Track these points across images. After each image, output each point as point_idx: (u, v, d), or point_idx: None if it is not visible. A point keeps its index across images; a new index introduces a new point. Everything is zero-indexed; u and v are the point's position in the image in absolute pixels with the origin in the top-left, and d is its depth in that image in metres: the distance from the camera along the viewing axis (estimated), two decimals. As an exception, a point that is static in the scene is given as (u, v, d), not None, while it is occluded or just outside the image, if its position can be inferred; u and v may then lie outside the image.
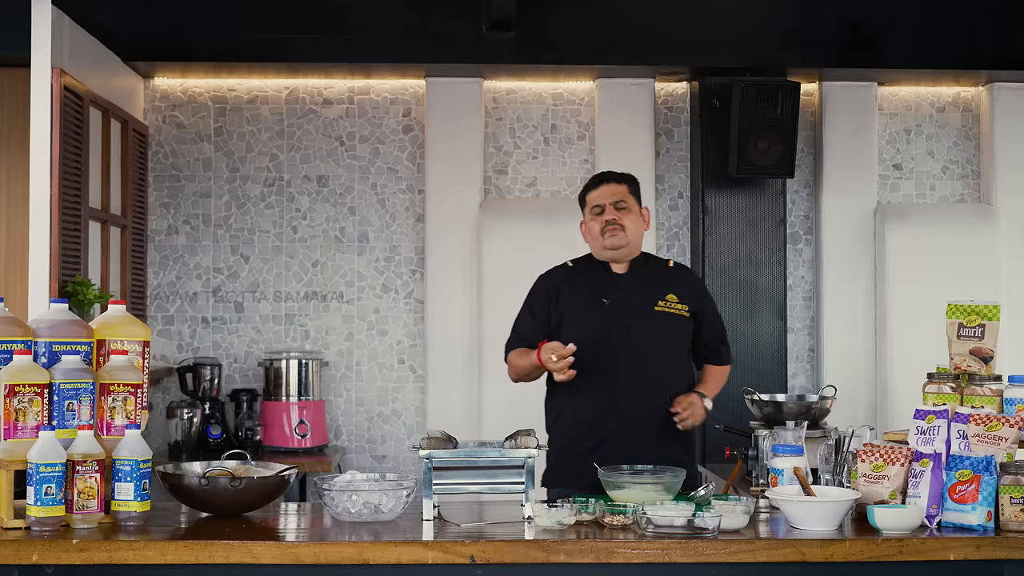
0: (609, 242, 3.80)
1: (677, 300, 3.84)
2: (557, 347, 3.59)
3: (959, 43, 5.84)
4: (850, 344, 6.02)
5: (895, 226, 5.98)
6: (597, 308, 3.80)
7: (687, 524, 2.87)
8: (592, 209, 3.84)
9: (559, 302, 3.83)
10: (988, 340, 3.47)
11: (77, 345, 3.06)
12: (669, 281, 3.88)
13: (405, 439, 5.98)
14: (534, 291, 3.93)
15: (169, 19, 5.62)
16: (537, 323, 3.84)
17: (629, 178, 3.90)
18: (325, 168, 6.05)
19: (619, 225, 3.78)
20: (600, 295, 3.81)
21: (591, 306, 3.81)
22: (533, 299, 3.90)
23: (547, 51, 5.77)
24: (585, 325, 3.77)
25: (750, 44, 5.82)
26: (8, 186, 5.90)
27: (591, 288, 3.83)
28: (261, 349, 5.96)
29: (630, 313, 3.79)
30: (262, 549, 2.79)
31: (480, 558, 2.79)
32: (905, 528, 2.89)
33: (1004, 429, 3.05)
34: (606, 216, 3.80)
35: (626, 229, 3.79)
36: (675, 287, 3.87)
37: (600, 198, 3.83)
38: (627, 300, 3.81)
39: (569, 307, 3.82)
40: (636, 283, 3.83)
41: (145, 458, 2.98)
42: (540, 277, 3.96)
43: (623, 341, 3.76)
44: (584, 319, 3.79)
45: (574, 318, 3.80)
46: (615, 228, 3.78)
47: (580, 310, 3.81)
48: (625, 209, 3.81)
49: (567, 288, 3.86)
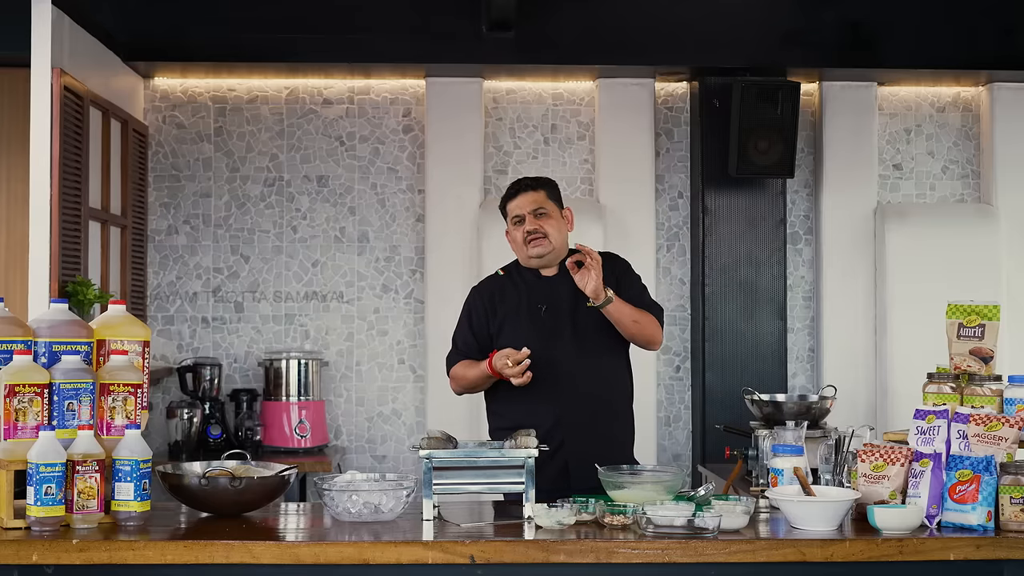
0: (534, 252, 3.83)
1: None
2: (511, 353, 3.62)
3: (959, 43, 5.84)
4: (850, 344, 6.02)
5: (895, 226, 5.97)
6: (534, 316, 3.82)
7: (687, 524, 2.87)
8: (513, 220, 3.86)
9: (496, 313, 3.86)
10: (988, 340, 3.47)
11: (77, 345, 3.06)
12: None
13: (405, 439, 5.98)
14: (470, 304, 3.94)
15: (169, 19, 5.62)
16: (475, 335, 3.88)
17: (545, 182, 3.92)
18: (325, 168, 6.05)
19: (541, 234, 3.81)
20: (535, 302, 3.83)
21: (528, 314, 3.82)
22: (470, 312, 3.92)
23: (547, 51, 5.77)
24: (524, 334, 3.77)
25: (750, 44, 5.83)
26: (8, 186, 5.90)
27: (525, 296, 3.86)
28: (261, 349, 5.96)
29: (564, 316, 3.80)
30: (262, 549, 2.79)
31: (480, 558, 2.79)
32: (905, 528, 2.89)
33: (1004, 429, 3.05)
34: (527, 226, 3.82)
35: (548, 236, 3.81)
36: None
37: (519, 208, 3.84)
38: (560, 303, 3.82)
39: (506, 317, 3.84)
40: (566, 284, 3.83)
41: (145, 458, 2.98)
42: (474, 289, 4.00)
43: (562, 345, 3.77)
44: (522, 328, 3.80)
45: (512, 328, 3.82)
46: (537, 237, 3.81)
47: (517, 319, 3.83)
48: (545, 215, 3.83)
49: (501, 297, 3.88)
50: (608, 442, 3.76)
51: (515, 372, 3.62)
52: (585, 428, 3.73)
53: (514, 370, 3.61)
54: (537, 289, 3.87)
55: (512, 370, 3.61)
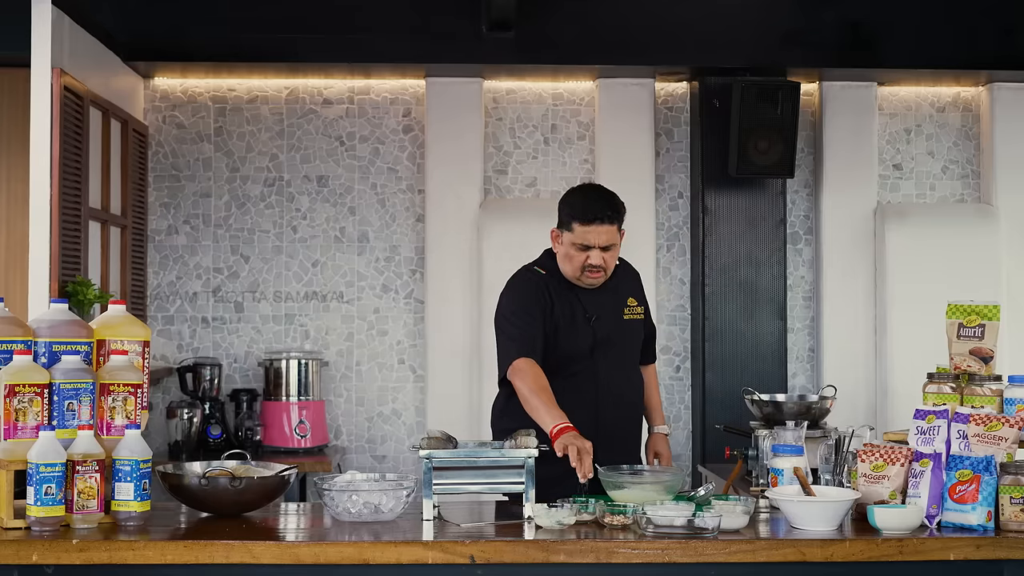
0: (588, 282, 3.69)
1: (636, 304, 3.83)
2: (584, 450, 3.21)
3: (959, 43, 5.84)
4: (850, 344, 6.02)
5: (895, 226, 5.97)
6: (584, 325, 3.71)
7: (687, 524, 2.87)
8: (577, 244, 3.63)
9: (552, 312, 3.68)
10: (988, 340, 3.47)
11: (77, 345, 3.06)
12: (625, 285, 3.84)
13: (405, 439, 5.98)
14: (525, 293, 3.70)
15: (169, 19, 5.62)
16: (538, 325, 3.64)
17: (622, 212, 3.67)
18: (325, 168, 6.05)
19: (603, 269, 3.67)
20: (584, 311, 3.72)
21: (580, 323, 3.70)
22: (527, 301, 3.67)
23: (547, 51, 5.77)
24: (577, 341, 3.68)
25: (750, 44, 5.82)
26: (8, 186, 5.90)
27: (574, 302, 3.71)
28: (261, 349, 5.96)
29: (610, 327, 3.76)
30: (262, 549, 2.79)
31: (480, 558, 2.79)
32: (905, 528, 2.89)
33: (1004, 429, 3.05)
34: (592, 260, 3.62)
35: (607, 270, 3.69)
36: (629, 290, 3.84)
37: (591, 238, 3.61)
38: (606, 315, 3.76)
39: (560, 320, 3.69)
40: (607, 295, 3.77)
41: (145, 458, 2.98)
42: (524, 281, 3.74)
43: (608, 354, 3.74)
44: (576, 335, 3.69)
45: (567, 333, 3.68)
46: (598, 272, 3.67)
47: (571, 325, 3.69)
48: (612, 248, 3.66)
49: (555, 300, 3.70)
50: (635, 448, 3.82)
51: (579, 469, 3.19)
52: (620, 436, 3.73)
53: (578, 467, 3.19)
54: (583, 297, 3.73)
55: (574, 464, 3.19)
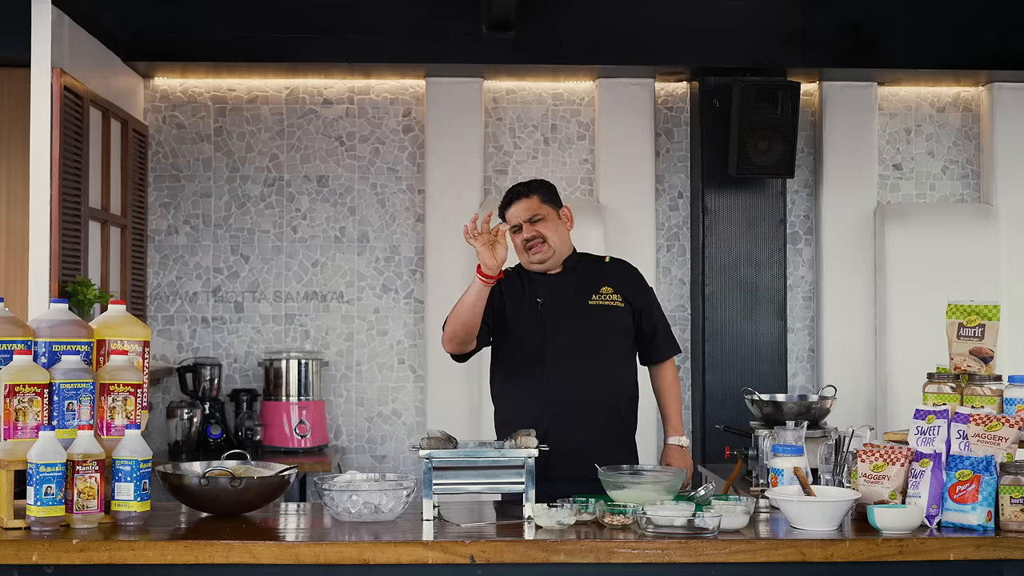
0: (534, 258, 3.83)
1: (612, 291, 3.85)
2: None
3: (959, 43, 5.84)
4: (850, 344, 6.02)
5: (895, 226, 5.97)
6: (532, 308, 3.81)
7: (687, 524, 2.87)
8: (511, 228, 3.82)
9: (498, 303, 3.82)
10: (988, 340, 3.47)
11: (77, 345, 3.07)
12: (604, 275, 3.90)
13: (405, 439, 5.98)
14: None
15: (169, 19, 5.62)
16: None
17: (538, 186, 3.89)
18: (325, 168, 6.05)
19: (540, 239, 3.80)
20: (534, 296, 3.83)
21: (527, 307, 3.82)
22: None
23: (547, 51, 5.77)
24: (523, 325, 3.79)
25: (750, 44, 5.82)
26: (8, 186, 5.90)
27: (526, 290, 3.85)
28: (261, 349, 5.96)
29: (564, 310, 3.80)
30: (262, 549, 2.79)
31: (480, 558, 2.79)
32: (905, 528, 2.89)
33: (1004, 429, 3.05)
34: (524, 234, 3.81)
35: (547, 239, 3.81)
36: (610, 280, 3.88)
37: (515, 216, 3.83)
38: (560, 298, 3.82)
39: (507, 309, 3.83)
40: (570, 281, 3.85)
41: (145, 458, 2.98)
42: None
43: (558, 339, 3.76)
44: (521, 319, 3.81)
45: (513, 318, 3.81)
46: (536, 243, 3.80)
47: (517, 311, 3.82)
48: (541, 220, 3.81)
49: (507, 288, 3.85)
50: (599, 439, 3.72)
51: (483, 239, 3.51)
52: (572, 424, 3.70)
53: (484, 238, 3.51)
54: (539, 283, 3.86)
55: (483, 238, 3.51)
